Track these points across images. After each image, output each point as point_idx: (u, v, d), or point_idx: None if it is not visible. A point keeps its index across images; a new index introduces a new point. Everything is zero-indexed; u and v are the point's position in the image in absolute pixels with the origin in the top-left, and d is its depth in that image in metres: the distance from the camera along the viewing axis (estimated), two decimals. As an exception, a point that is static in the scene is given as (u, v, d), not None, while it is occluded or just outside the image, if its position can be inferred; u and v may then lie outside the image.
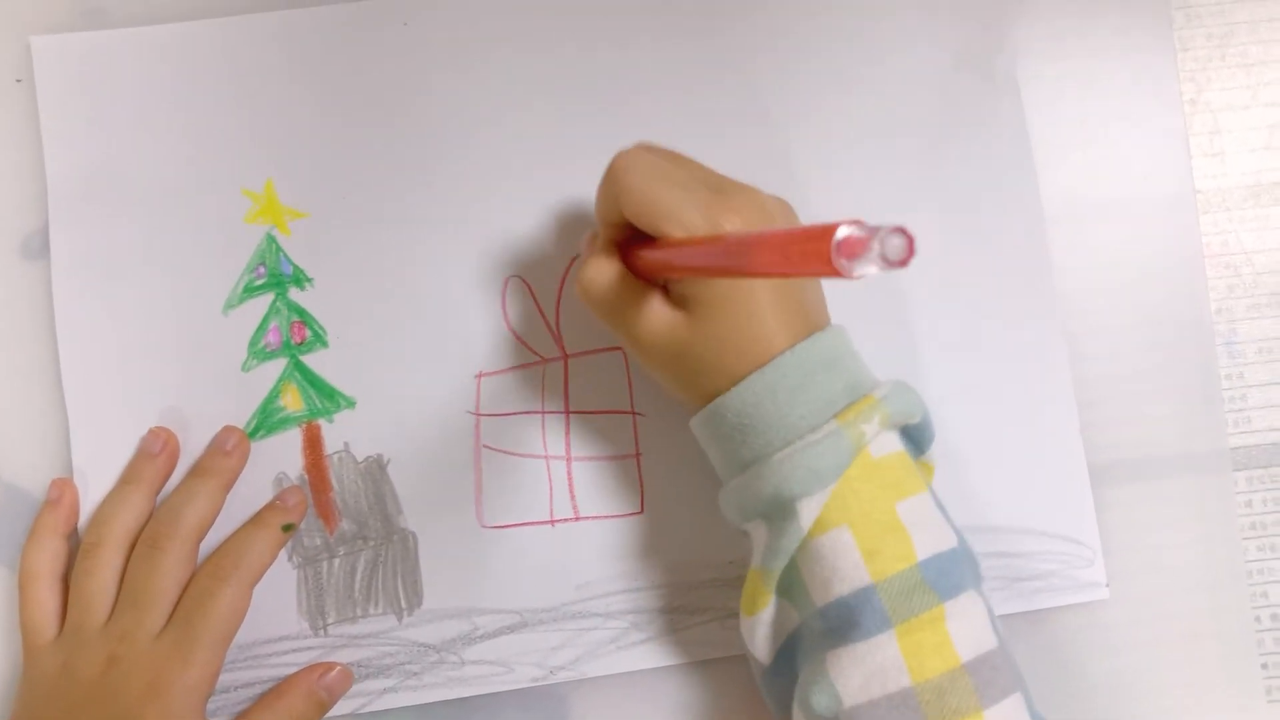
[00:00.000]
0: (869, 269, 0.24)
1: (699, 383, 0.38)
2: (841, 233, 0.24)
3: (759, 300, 0.37)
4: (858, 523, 0.35)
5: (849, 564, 0.35)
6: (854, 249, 0.24)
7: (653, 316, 0.38)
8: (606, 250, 0.39)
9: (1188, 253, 0.47)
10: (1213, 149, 0.48)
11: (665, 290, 0.39)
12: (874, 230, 0.24)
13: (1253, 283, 0.47)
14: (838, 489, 0.36)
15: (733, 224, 0.36)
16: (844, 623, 0.35)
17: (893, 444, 0.37)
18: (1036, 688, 0.44)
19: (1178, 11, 0.48)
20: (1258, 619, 0.46)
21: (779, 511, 0.36)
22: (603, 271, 0.38)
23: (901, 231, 0.24)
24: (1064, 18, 0.47)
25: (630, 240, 0.39)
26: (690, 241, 0.35)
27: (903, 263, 0.24)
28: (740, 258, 0.30)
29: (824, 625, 0.36)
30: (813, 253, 0.25)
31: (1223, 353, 0.47)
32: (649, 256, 0.37)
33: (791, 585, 0.37)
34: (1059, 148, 0.47)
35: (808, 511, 0.36)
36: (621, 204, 0.37)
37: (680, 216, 0.36)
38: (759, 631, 0.38)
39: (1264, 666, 0.46)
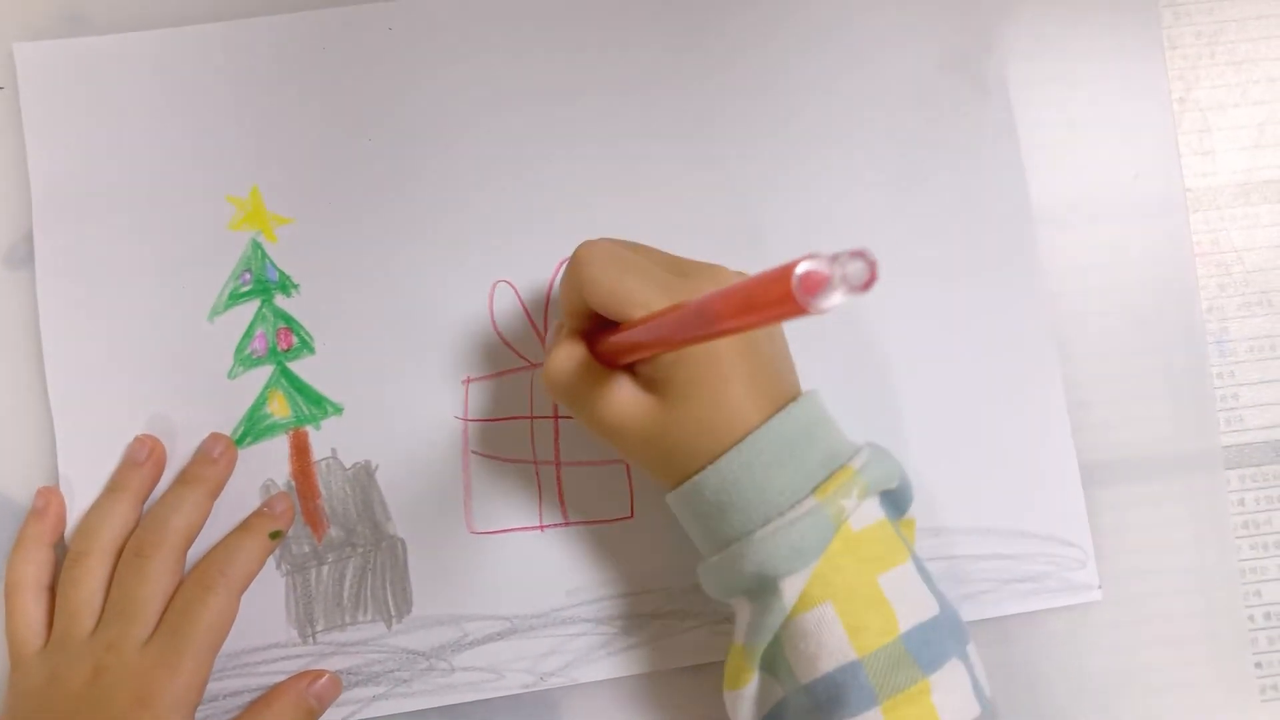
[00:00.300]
0: (834, 300, 0.24)
1: (674, 463, 0.38)
2: (801, 269, 0.24)
3: (730, 376, 0.37)
4: (841, 598, 0.35)
5: (834, 640, 0.35)
6: (816, 284, 0.24)
7: (623, 401, 0.37)
8: (571, 339, 0.39)
9: (1178, 252, 0.47)
10: (1202, 147, 0.48)
11: (633, 375, 0.38)
12: (833, 259, 0.24)
13: (1243, 281, 0.47)
14: (821, 566, 0.35)
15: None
16: (831, 699, 0.35)
17: (874, 513, 0.37)
18: (1030, 690, 0.45)
19: (1166, 10, 0.48)
20: (1251, 618, 0.46)
21: (762, 589, 0.36)
22: (569, 357, 0.38)
23: (860, 255, 0.24)
24: (1052, 17, 0.47)
25: (596, 330, 0.39)
26: (653, 315, 0.34)
27: (866, 286, 0.24)
28: (704, 316, 0.29)
29: (810, 701, 0.36)
30: (776, 296, 0.25)
31: (1214, 351, 0.47)
32: (616, 340, 0.37)
33: (775, 661, 0.37)
34: (1048, 147, 0.47)
35: (791, 588, 0.35)
36: (585, 294, 0.37)
37: (644, 299, 0.36)
38: (743, 706, 0.38)
39: (1258, 666, 0.46)
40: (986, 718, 0.36)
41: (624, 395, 0.37)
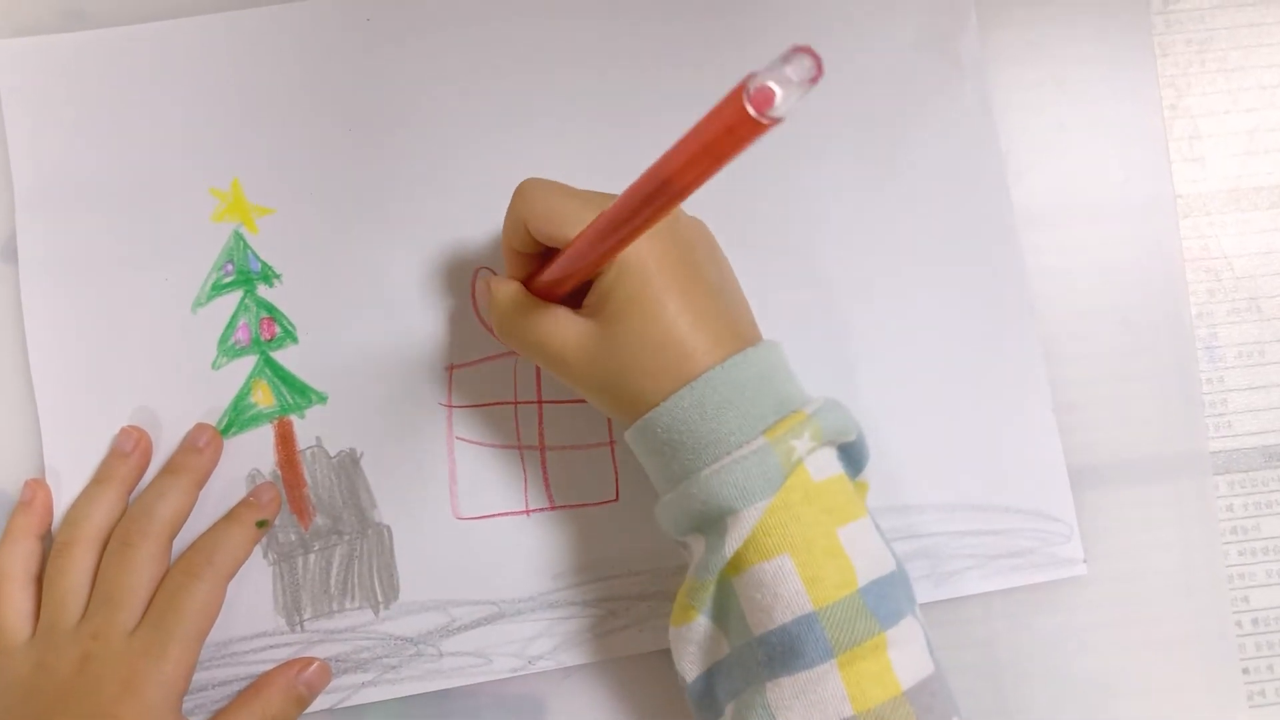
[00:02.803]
0: (788, 104, 0.24)
1: (626, 399, 0.38)
2: (753, 86, 0.24)
3: (666, 291, 0.37)
4: (799, 549, 0.35)
5: (790, 591, 0.35)
6: (767, 97, 0.24)
7: (562, 328, 0.38)
8: (508, 279, 0.40)
9: (1168, 257, 0.47)
10: (1193, 154, 0.48)
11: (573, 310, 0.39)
12: (777, 66, 0.24)
13: (1233, 287, 0.47)
14: (778, 516, 0.35)
15: None
16: (785, 651, 0.35)
17: (832, 466, 0.37)
18: (1015, 692, 0.45)
19: (1157, 17, 0.48)
20: (1239, 624, 0.46)
21: (710, 526, 0.36)
22: (505, 293, 0.39)
23: (805, 51, 0.24)
24: (1043, 22, 0.47)
25: (537, 272, 0.39)
26: (592, 226, 0.34)
27: (814, 80, 0.24)
28: (658, 176, 0.29)
29: (764, 654, 0.35)
30: (731, 120, 0.25)
31: (1203, 357, 0.47)
32: (557, 264, 0.37)
33: (727, 613, 0.37)
34: (1039, 152, 0.47)
35: (737, 525, 0.35)
36: (527, 220, 0.38)
37: (585, 219, 0.36)
38: (686, 649, 0.38)
39: (1245, 671, 0.45)
40: (939, 677, 0.36)
41: (563, 323, 0.38)
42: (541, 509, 0.44)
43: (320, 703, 0.43)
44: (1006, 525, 0.45)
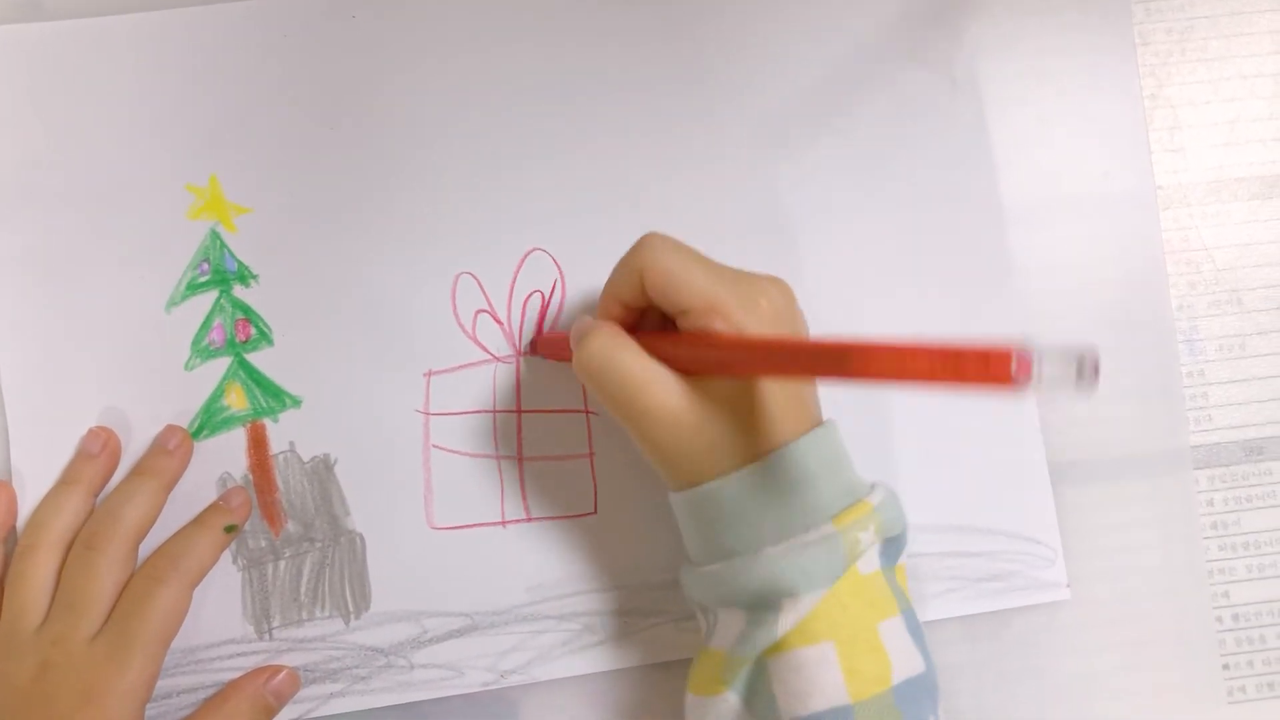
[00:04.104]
0: (1040, 388, 0.26)
1: (694, 465, 0.37)
2: (1027, 357, 0.25)
3: (770, 389, 0.36)
4: (844, 639, 0.35)
5: (829, 681, 0.35)
6: (1026, 370, 0.25)
7: (666, 392, 0.36)
8: (612, 324, 0.38)
9: (1148, 249, 0.47)
10: (1173, 144, 0.47)
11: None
12: (1066, 360, 0.25)
13: (1214, 279, 0.47)
14: (828, 604, 0.35)
15: (768, 300, 0.37)
16: None
17: (874, 561, 0.37)
18: (996, 691, 0.44)
19: (1137, 6, 0.48)
20: (1219, 619, 0.46)
21: (760, 604, 0.36)
22: (614, 339, 0.37)
23: (1095, 367, 0.25)
24: (1023, 12, 0.47)
25: (631, 326, 0.39)
26: (775, 341, 0.35)
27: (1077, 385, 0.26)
28: (843, 357, 0.30)
29: None
30: (983, 366, 0.26)
31: (1184, 350, 0.47)
32: (685, 349, 0.37)
33: (756, 693, 0.36)
34: (1018, 144, 0.46)
35: (791, 610, 0.35)
36: (645, 275, 0.37)
37: (703, 288, 0.36)
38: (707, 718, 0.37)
39: (1225, 667, 0.45)
40: None
41: (666, 383, 0.36)
42: (518, 520, 0.44)
43: (288, 712, 0.43)
44: (990, 548, 0.44)
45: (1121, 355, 0.46)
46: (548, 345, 0.44)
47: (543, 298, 0.45)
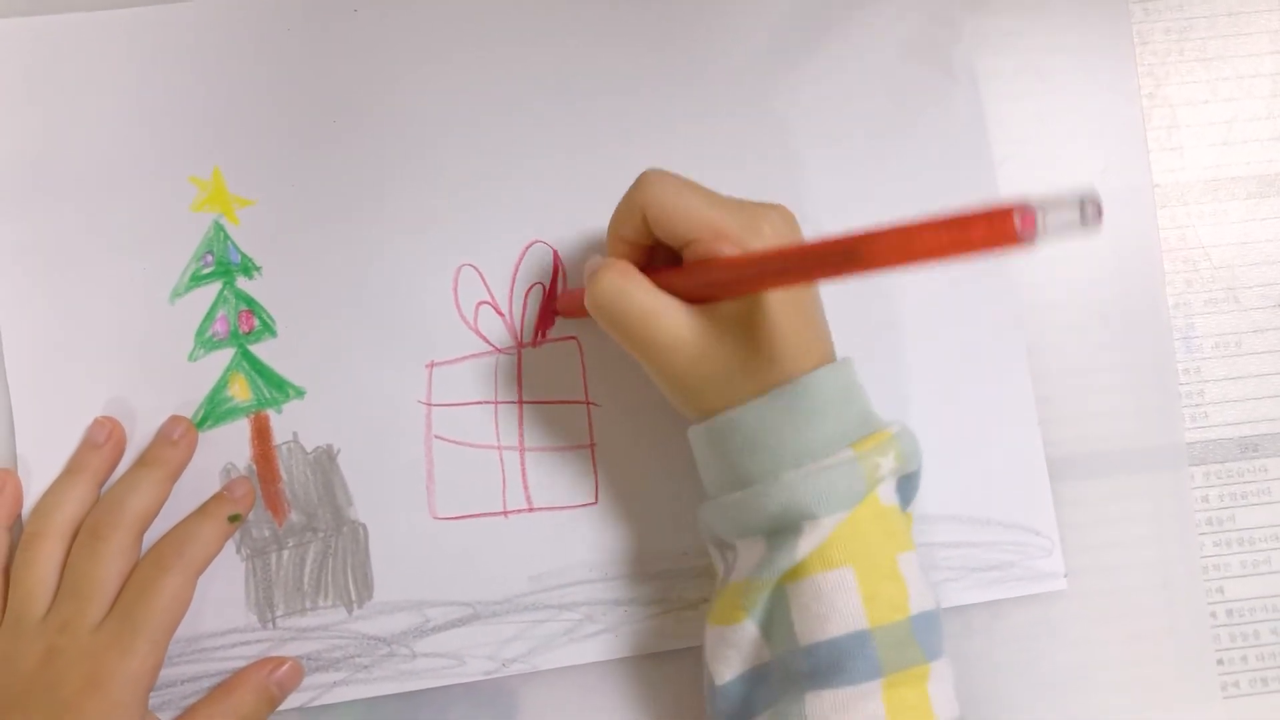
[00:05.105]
0: (1045, 237, 0.26)
1: (710, 394, 0.38)
2: (1028, 211, 0.25)
3: (785, 318, 0.37)
4: (863, 565, 0.35)
5: (848, 605, 0.35)
6: (1031, 225, 0.25)
7: (677, 324, 0.37)
8: (620, 260, 0.38)
9: (1145, 247, 0.47)
10: (1171, 143, 0.48)
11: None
12: (1064, 203, 0.25)
13: (1210, 277, 0.47)
14: (847, 530, 0.35)
15: (771, 226, 0.37)
16: (832, 665, 0.35)
17: (892, 496, 0.37)
18: (991, 683, 0.45)
19: (1136, 5, 0.48)
20: (1213, 615, 0.46)
21: (781, 528, 0.36)
22: (623, 275, 0.37)
23: (1097, 207, 0.25)
24: (1022, 11, 0.47)
25: (640, 263, 0.39)
26: (778, 250, 0.35)
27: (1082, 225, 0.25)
28: (849, 248, 0.30)
29: (809, 664, 0.35)
30: (989, 226, 0.26)
31: (1180, 347, 0.47)
32: (691, 276, 0.37)
33: (774, 621, 0.37)
34: (1016, 142, 0.47)
35: (811, 532, 0.35)
36: (646, 211, 0.37)
37: (707, 218, 0.36)
38: (723, 651, 0.38)
39: (1219, 663, 0.45)
40: None
41: (677, 316, 0.37)
42: (520, 510, 0.44)
43: (290, 701, 0.43)
44: (987, 538, 0.45)
45: (1118, 352, 0.46)
46: (567, 302, 0.44)
47: (544, 289, 0.45)
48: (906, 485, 0.39)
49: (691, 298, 0.37)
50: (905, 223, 0.29)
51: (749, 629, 0.37)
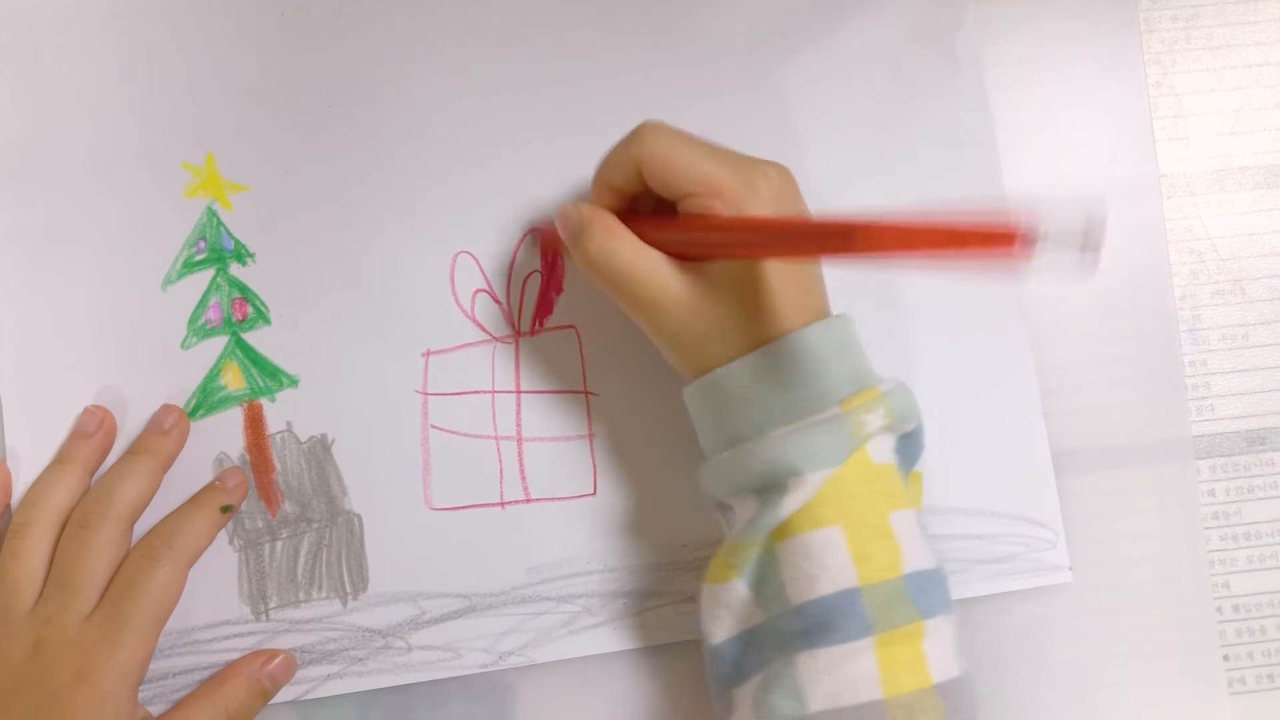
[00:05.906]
0: (1042, 258, 0.26)
1: (703, 351, 0.38)
2: (1034, 231, 0.25)
3: (777, 275, 0.36)
4: (852, 524, 0.35)
5: (837, 563, 0.35)
6: (1030, 245, 0.26)
7: (662, 274, 0.37)
8: (606, 213, 0.38)
9: (1151, 238, 0.47)
10: (1177, 133, 0.47)
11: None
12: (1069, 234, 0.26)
13: (1217, 269, 0.47)
14: (835, 488, 0.35)
15: (769, 185, 0.37)
16: (821, 624, 0.35)
17: (888, 454, 0.37)
18: (998, 678, 0.44)
19: (1142, -7, 0.48)
20: (1220, 610, 0.45)
21: (769, 487, 0.36)
22: (609, 229, 0.38)
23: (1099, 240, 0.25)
24: (1028, -2, 0.47)
25: (624, 214, 0.38)
26: (780, 222, 0.35)
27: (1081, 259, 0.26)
28: (847, 231, 0.30)
29: (800, 624, 0.35)
30: (988, 235, 0.26)
31: (1186, 339, 0.46)
32: (682, 234, 0.36)
33: (765, 580, 0.36)
34: (1022, 130, 0.46)
35: (798, 490, 0.35)
36: (642, 162, 0.37)
37: (704, 172, 0.36)
38: (716, 611, 0.37)
39: (1226, 658, 0.45)
40: (967, 682, 0.36)
41: (663, 270, 0.37)
42: (517, 501, 0.43)
43: (284, 695, 0.42)
44: (992, 530, 0.44)
45: (1123, 344, 0.46)
46: (548, 240, 0.44)
47: (542, 277, 0.44)
48: (907, 444, 0.38)
49: (683, 254, 0.37)
50: (907, 217, 0.29)
51: (739, 588, 0.37)
